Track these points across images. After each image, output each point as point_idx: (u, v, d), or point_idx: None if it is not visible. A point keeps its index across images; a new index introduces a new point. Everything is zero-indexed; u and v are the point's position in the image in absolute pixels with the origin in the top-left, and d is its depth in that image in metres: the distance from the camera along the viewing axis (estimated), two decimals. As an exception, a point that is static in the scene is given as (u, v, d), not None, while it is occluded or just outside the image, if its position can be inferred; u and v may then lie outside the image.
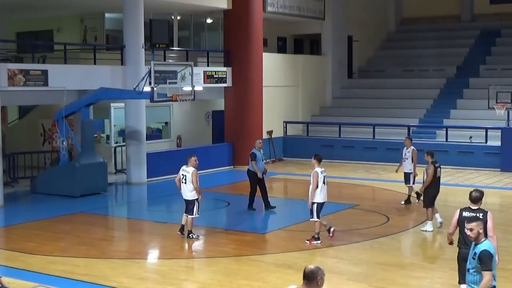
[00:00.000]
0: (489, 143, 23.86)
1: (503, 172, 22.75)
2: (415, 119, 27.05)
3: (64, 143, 19.38)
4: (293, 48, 32.26)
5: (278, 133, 27.09)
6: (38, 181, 19.73)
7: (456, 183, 21.07)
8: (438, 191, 14.67)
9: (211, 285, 10.94)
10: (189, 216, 13.66)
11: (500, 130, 23.48)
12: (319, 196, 13.18)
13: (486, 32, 32.48)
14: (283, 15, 27.51)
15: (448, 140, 24.63)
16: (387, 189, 20.11)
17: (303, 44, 33.19)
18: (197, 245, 13.70)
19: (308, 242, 13.22)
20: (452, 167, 23.72)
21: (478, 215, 8.59)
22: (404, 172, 17.56)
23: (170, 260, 12.56)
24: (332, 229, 13.45)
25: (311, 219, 13.29)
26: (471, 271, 7.21)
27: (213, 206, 17.60)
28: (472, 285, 7.17)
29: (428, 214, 14.44)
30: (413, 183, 17.44)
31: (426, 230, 14.33)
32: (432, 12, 34.54)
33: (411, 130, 25.73)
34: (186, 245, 13.64)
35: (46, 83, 18.60)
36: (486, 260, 6.93)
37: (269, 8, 26.20)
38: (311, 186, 13.12)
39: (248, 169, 16.80)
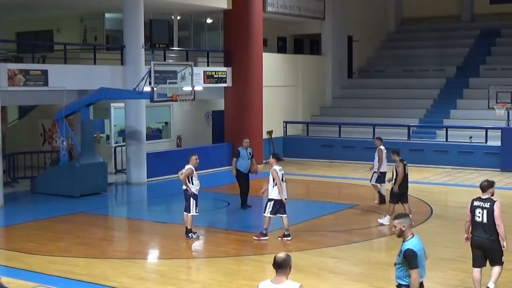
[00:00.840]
0: (489, 143, 23.86)
1: (503, 172, 22.75)
2: (415, 119, 27.05)
3: (64, 143, 19.38)
4: (293, 48, 32.27)
5: (278, 133, 27.08)
6: (38, 181, 19.73)
7: (456, 183, 21.08)
8: (407, 189, 14.99)
9: (211, 285, 10.94)
10: (188, 214, 13.71)
11: (500, 130, 23.47)
12: (276, 193, 13.38)
13: (486, 32, 32.48)
14: (283, 15, 27.51)
15: (448, 140, 24.63)
16: (387, 189, 20.07)
17: (303, 44, 33.19)
18: (197, 245, 13.70)
19: (256, 238, 13.53)
20: (452, 167, 23.74)
21: (486, 204, 9.53)
22: (381, 172, 17.29)
23: (170, 260, 12.56)
24: (286, 237, 13.56)
25: (264, 213, 13.56)
26: (397, 266, 7.42)
27: (213, 206, 17.60)
28: (398, 280, 7.38)
29: (390, 209, 14.76)
30: (375, 182, 17.28)
31: (382, 224, 14.76)
32: (432, 12, 34.55)
33: (411, 130, 25.73)
34: (186, 245, 13.64)
35: (46, 83, 18.60)
36: (410, 259, 7.08)
37: (269, 8, 26.20)
38: (273, 184, 13.34)
39: (236, 169, 17.00)
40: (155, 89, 18.19)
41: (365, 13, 32.72)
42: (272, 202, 13.44)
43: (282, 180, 13.41)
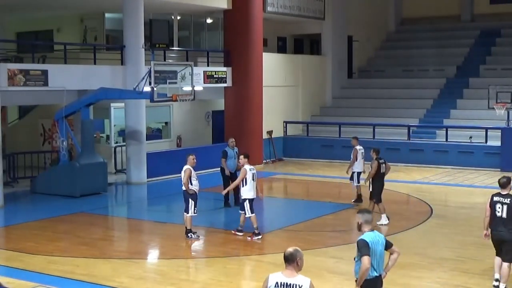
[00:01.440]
0: (489, 143, 23.86)
1: (503, 172, 22.69)
2: (415, 119, 27.05)
3: (64, 143, 19.38)
4: (293, 48, 32.27)
5: (278, 133, 27.08)
6: (38, 181, 19.73)
7: (456, 183, 21.08)
8: (383, 186, 15.21)
9: (211, 285, 10.94)
10: (187, 215, 13.75)
11: (500, 130, 23.48)
12: (250, 192, 13.68)
13: (486, 32, 32.48)
14: (283, 15, 27.50)
15: (448, 140, 24.63)
16: (387, 189, 20.06)
17: (303, 44, 33.19)
18: (197, 245, 13.71)
19: (249, 238, 13.68)
20: (452, 167, 23.74)
21: (506, 199, 9.93)
22: (355, 171, 17.56)
23: (170, 260, 12.56)
24: (239, 232, 13.86)
25: (245, 215, 13.77)
26: (355, 260, 7.66)
27: (213, 206, 17.60)
28: (355, 275, 7.57)
29: (381, 208, 14.92)
30: (350, 180, 17.65)
31: (382, 224, 14.74)
32: (432, 12, 34.55)
33: (411, 130, 25.73)
34: (186, 245, 13.64)
35: (46, 83, 18.60)
36: (359, 247, 7.33)
37: (269, 8, 26.20)
38: (243, 183, 13.68)
39: (221, 167, 17.32)
40: (155, 89, 18.18)
41: (365, 13, 32.71)
42: (247, 201, 13.73)
43: (253, 180, 13.70)
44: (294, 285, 6.24)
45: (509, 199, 9.93)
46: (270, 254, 12.88)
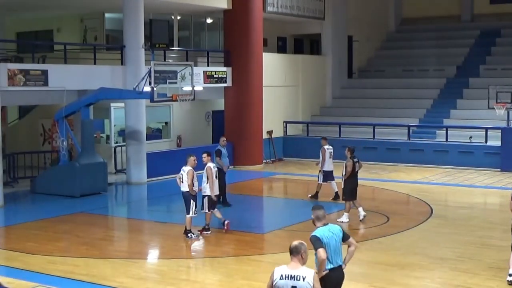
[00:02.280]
0: (489, 143, 23.85)
1: (503, 172, 22.75)
2: (415, 119, 27.04)
3: (64, 143, 19.39)
4: (293, 48, 32.27)
5: (278, 133, 27.08)
6: (38, 181, 19.73)
7: (456, 183, 21.07)
8: (356, 185, 15.39)
9: (211, 285, 10.94)
10: (187, 215, 13.77)
11: (500, 130, 23.46)
12: (211, 190, 13.95)
13: (486, 32, 32.47)
14: (283, 15, 27.50)
15: (448, 140, 24.62)
16: (387, 189, 20.12)
17: (303, 44, 33.19)
18: (197, 245, 13.70)
19: (199, 232, 13.99)
20: (452, 167, 23.74)
21: None
22: (325, 170, 17.94)
23: (170, 260, 12.56)
24: (226, 222, 14.20)
25: (202, 211, 14.02)
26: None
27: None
28: (316, 267, 7.68)
29: (346, 207, 15.19)
30: (322, 181, 17.97)
31: (342, 221, 14.93)
32: (432, 12, 34.54)
33: (411, 130, 25.73)
34: (186, 245, 13.64)
35: (46, 83, 18.60)
36: (313, 242, 7.50)
37: (269, 8, 26.20)
38: (205, 180, 13.90)
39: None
40: (155, 89, 18.18)
41: (365, 13, 32.71)
42: (207, 198, 13.99)
43: (216, 177, 13.99)
44: (298, 277, 6.45)
45: None
46: (270, 254, 12.89)
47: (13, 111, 25.67)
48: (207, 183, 13.89)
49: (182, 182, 13.74)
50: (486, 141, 23.91)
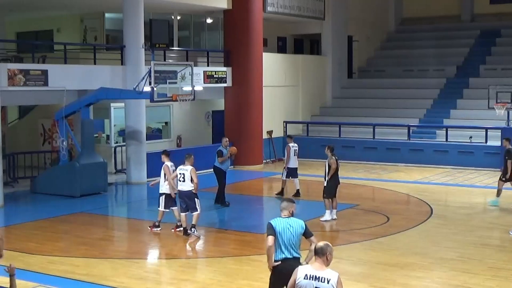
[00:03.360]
0: (489, 143, 23.85)
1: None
2: (415, 119, 27.05)
3: (64, 143, 19.38)
4: (293, 48, 32.27)
5: (278, 133, 27.07)
6: (38, 181, 19.73)
7: (456, 183, 21.07)
8: (338, 183, 15.66)
9: (211, 285, 10.93)
10: (194, 213, 13.88)
11: (500, 130, 23.47)
12: (167, 188, 14.33)
13: (486, 32, 32.48)
14: (283, 15, 27.50)
15: (448, 140, 24.63)
16: (387, 189, 20.12)
17: (303, 44, 33.19)
18: (197, 245, 13.70)
19: (149, 228, 14.54)
20: (452, 167, 23.74)
21: None
22: (289, 167, 18.38)
23: (170, 260, 12.56)
24: (178, 224, 14.37)
25: (158, 207, 14.55)
26: None
27: (213, 206, 17.59)
28: None
29: (326, 204, 15.34)
30: (286, 177, 18.46)
31: (325, 220, 15.18)
32: (432, 12, 34.55)
33: (411, 130, 25.73)
34: (186, 245, 13.64)
35: (46, 83, 18.60)
36: (266, 229, 7.92)
37: (269, 8, 26.20)
38: (164, 179, 14.35)
39: (215, 166, 17.53)
40: (155, 89, 18.17)
41: (365, 13, 32.71)
42: (164, 196, 14.42)
43: (173, 176, 14.27)
44: (323, 278, 6.42)
45: None
46: (270, 254, 12.87)
47: (13, 111, 25.66)
48: (164, 181, 14.32)
49: (183, 181, 13.80)
50: (486, 141, 23.91)
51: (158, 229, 14.51)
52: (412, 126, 26.11)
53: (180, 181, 13.85)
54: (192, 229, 13.95)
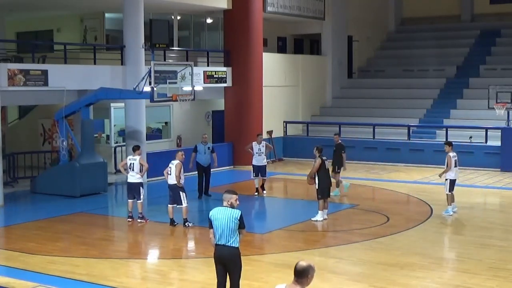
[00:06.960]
0: (489, 143, 23.85)
1: (503, 172, 22.75)
2: (415, 119, 27.05)
3: (64, 143, 19.38)
4: (293, 48, 32.27)
5: (278, 133, 27.08)
6: (38, 181, 19.73)
7: (456, 183, 21.03)
8: (330, 184, 15.95)
9: (211, 285, 10.91)
10: (181, 206, 14.68)
11: (500, 130, 23.47)
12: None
13: (486, 32, 32.49)
14: (283, 15, 27.51)
15: (448, 140, 24.58)
16: (387, 189, 20.12)
17: (303, 44, 33.19)
18: (197, 245, 13.70)
19: (130, 220, 15.60)
20: (452, 167, 23.71)
21: None
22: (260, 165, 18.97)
23: (170, 260, 12.56)
24: (130, 214, 15.70)
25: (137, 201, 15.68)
26: None
27: (213, 206, 17.52)
28: None
29: (320, 205, 15.44)
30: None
31: (317, 220, 15.30)
32: (432, 12, 34.57)
33: (411, 130, 25.73)
34: (186, 245, 13.65)
35: (46, 83, 18.61)
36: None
37: (269, 8, 26.20)
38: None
39: (196, 161, 18.51)
40: (155, 89, 18.18)
41: (365, 13, 32.72)
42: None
43: (140, 170, 15.57)
44: None
45: None
46: (270, 254, 12.89)
47: (13, 111, 25.66)
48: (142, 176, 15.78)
49: (170, 174, 14.69)
50: (486, 141, 23.92)
51: (144, 220, 15.57)
52: (412, 126, 26.11)
53: (169, 174, 14.79)
54: (186, 223, 14.64)
